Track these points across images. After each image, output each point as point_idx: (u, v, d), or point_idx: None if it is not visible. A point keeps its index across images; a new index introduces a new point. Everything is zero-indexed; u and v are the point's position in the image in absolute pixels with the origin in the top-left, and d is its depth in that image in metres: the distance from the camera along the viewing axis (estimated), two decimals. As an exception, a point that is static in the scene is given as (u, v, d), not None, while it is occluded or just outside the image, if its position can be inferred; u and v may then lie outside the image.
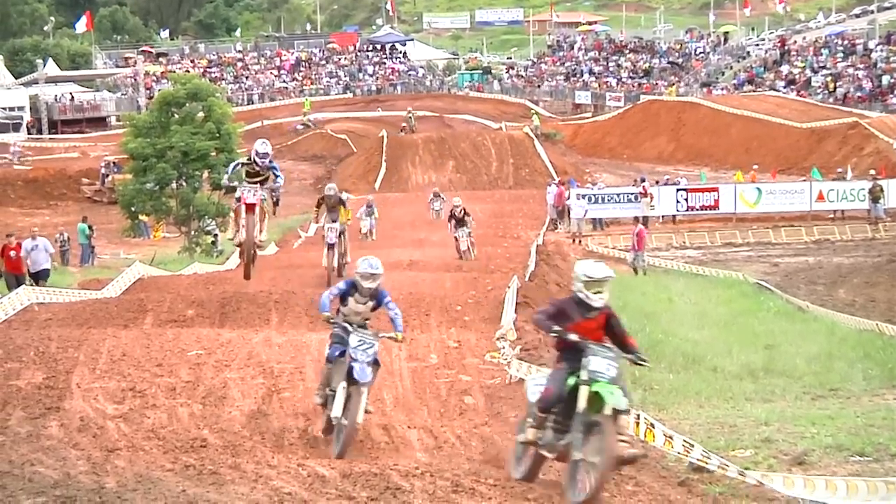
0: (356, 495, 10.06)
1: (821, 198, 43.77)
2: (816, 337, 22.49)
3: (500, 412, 14.20)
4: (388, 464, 11.41)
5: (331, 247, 23.96)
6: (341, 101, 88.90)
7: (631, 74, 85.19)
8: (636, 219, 37.97)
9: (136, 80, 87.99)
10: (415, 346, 16.83)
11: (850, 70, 70.19)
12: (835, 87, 68.91)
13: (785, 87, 72.27)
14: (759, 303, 27.92)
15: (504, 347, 16.55)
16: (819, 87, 70.25)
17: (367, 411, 12.23)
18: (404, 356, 16.21)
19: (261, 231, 20.64)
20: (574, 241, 39.70)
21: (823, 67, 72.57)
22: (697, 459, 11.41)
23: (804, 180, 46.98)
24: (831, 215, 44.01)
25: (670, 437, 11.99)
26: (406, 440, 12.84)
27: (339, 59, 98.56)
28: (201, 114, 41.09)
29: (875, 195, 42.15)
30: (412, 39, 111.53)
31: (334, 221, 24.14)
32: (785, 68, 75.41)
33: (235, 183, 20.96)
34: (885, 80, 67.19)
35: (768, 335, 22.47)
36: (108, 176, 57.45)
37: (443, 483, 10.53)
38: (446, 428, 13.33)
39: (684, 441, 11.80)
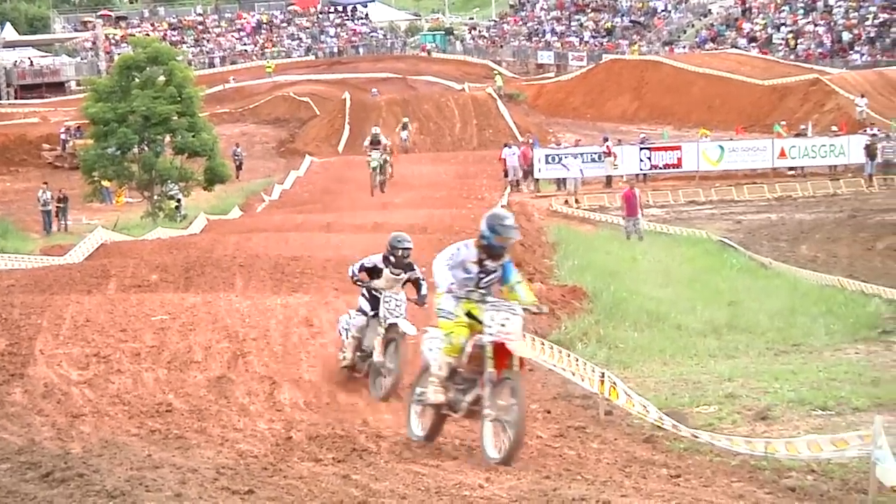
0: (322, 457, 10.09)
1: (783, 155, 43.95)
2: (779, 293, 22.65)
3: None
4: (354, 425, 11.45)
5: None
6: (303, 63, 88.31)
7: (593, 34, 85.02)
8: (628, 180, 36.72)
9: (95, 44, 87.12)
10: (380, 308, 16.81)
11: (811, 27, 70.33)
12: (796, 44, 69.04)
13: (746, 45, 72.35)
14: (723, 260, 28.06)
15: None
16: (780, 45, 70.35)
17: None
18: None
19: None
20: (567, 201, 39.58)
21: (784, 24, 72.65)
22: (655, 420, 11.50)
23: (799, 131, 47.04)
24: (792, 172, 44.22)
25: (630, 396, 12.08)
26: (373, 402, 12.87)
27: (301, 21, 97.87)
28: (162, 78, 40.80)
29: (871, 152, 42.02)
30: (374, 1, 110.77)
31: None
32: (746, 25, 75.46)
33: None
34: (846, 36, 67.37)
35: (731, 292, 22.61)
36: (68, 141, 56.98)
37: (409, 444, 10.59)
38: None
39: (640, 403, 11.90)
